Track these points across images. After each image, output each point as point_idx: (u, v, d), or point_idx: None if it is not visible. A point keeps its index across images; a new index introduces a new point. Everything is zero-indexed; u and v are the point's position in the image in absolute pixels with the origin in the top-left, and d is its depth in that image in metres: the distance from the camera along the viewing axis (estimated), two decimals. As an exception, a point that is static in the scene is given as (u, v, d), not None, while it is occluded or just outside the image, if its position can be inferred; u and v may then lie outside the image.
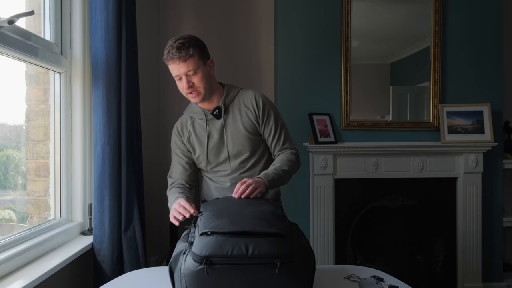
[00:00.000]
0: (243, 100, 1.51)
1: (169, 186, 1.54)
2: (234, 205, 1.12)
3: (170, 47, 1.37)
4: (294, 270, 0.93)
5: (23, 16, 1.35)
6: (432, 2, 2.72)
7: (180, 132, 1.56)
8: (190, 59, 1.36)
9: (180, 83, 1.41)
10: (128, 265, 1.72)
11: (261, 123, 1.50)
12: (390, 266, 2.65)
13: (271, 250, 0.90)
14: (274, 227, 0.96)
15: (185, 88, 1.40)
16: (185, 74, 1.37)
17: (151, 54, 2.71)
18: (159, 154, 2.91)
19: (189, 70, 1.37)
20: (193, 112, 1.54)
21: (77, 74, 1.78)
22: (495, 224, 2.78)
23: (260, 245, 0.90)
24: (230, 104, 1.50)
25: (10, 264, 1.30)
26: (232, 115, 1.49)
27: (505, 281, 2.79)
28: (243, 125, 1.49)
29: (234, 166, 1.50)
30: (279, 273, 0.89)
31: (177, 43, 1.36)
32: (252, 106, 1.50)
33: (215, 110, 1.48)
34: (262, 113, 1.50)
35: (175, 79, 1.44)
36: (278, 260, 0.89)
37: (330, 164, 2.62)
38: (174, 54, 1.35)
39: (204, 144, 1.50)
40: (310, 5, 2.71)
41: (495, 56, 2.77)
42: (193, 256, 0.90)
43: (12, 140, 1.61)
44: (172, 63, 1.37)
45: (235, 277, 0.90)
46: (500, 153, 2.78)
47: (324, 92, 2.72)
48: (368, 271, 1.33)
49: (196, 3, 2.92)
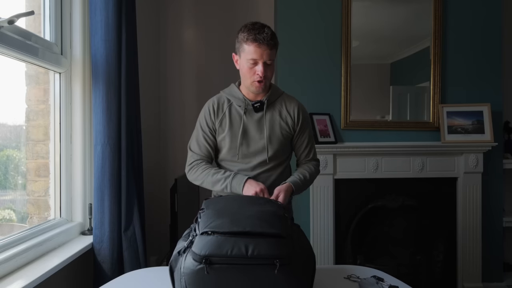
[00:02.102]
0: (286, 105, 1.53)
1: (196, 161, 1.50)
2: (236, 204, 1.11)
3: (261, 30, 1.35)
4: (293, 272, 0.92)
5: (23, 16, 1.35)
6: (432, 2, 2.72)
7: (215, 111, 1.50)
8: (274, 49, 1.39)
9: (252, 68, 1.39)
10: (128, 265, 1.72)
11: (297, 133, 1.53)
12: (390, 266, 2.66)
13: (271, 251, 0.90)
14: (274, 228, 0.95)
15: (259, 74, 1.38)
16: (264, 62, 1.38)
17: (151, 54, 2.71)
18: (159, 154, 2.91)
19: (270, 59, 1.38)
20: (233, 96, 1.51)
21: (77, 74, 1.77)
22: (495, 224, 2.78)
23: (260, 246, 0.90)
24: (272, 103, 1.51)
25: (10, 264, 1.30)
26: (272, 113, 1.50)
27: (505, 281, 2.79)
28: (280, 126, 1.49)
29: (258, 161, 1.48)
30: (278, 274, 0.89)
31: (269, 30, 1.37)
32: (293, 113, 1.52)
33: (257, 103, 1.47)
34: (301, 124, 1.53)
35: (243, 61, 1.41)
36: (277, 261, 0.89)
37: (330, 164, 2.62)
38: (265, 39, 1.34)
39: (237, 132, 1.47)
40: (310, 5, 2.71)
41: (495, 56, 2.77)
42: (193, 256, 0.90)
43: (12, 140, 1.60)
44: (258, 46, 1.35)
45: (234, 277, 0.90)
46: (500, 153, 2.78)
47: (324, 92, 2.72)
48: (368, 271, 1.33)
49: (196, 3, 2.92)
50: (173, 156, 2.92)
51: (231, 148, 1.49)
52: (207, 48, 2.91)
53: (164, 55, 2.92)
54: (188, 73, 2.93)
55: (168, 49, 2.92)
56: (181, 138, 2.87)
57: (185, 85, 2.93)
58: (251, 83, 1.43)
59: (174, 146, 2.91)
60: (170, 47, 2.92)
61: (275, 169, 1.51)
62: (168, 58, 2.93)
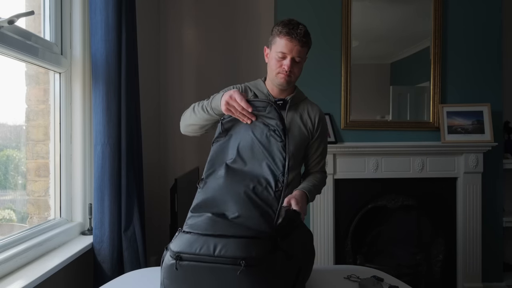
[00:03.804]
0: (308, 109, 1.53)
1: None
2: (227, 197, 1.06)
3: (296, 26, 1.37)
4: (259, 275, 0.89)
5: (23, 16, 1.35)
6: (432, 2, 2.72)
7: (243, 91, 1.51)
8: (305, 47, 1.40)
9: (280, 61, 1.40)
10: (128, 265, 1.72)
11: (314, 138, 1.53)
12: (390, 266, 2.66)
13: (237, 252, 0.88)
14: (250, 230, 0.94)
15: (285, 68, 1.39)
16: (292, 57, 1.39)
17: (151, 54, 2.72)
18: (159, 154, 2.91)
19: (299, 56, 1.39)
20: (258, 90, 1.52)
21: (77, 74, 1.77)
22: (495, 224, 2.78)
23: (228, 246, 0.89)
24: (294, 104, 1.51)
25: (10, 264, 1.30)
26: (293, 115, 1.50)
27: (505, 281, 2.79)
28: (299, 129, 1.49)
29: None
30: (241, 275, 0.87)
31: (304, 27, 1.39)
32: (314, 119, 1.52)
33: (280, 100, 1.48)
34: (321, 131, 1.53)
35: (272, 54, 1.42)
36: (242, 262, 0.87)
37: (330, 164, 2.62)
38: (298, 34, 1.36)
39: None
40: (310, 5, 2.71)
41: (495, 56, 2.77)
42: (170, 251, 0.93)
43: (12, 140, 1.60)
44: (290, 40, 1.37)
45: (201, 274, 0.91)
46: (500, 153, 2.78)
47: (324, 92, 2.72)
48: (368, 271, 1.33)
49: (197, 3, 2.92)
50: (173, 156, 2.92)
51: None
52: (208, 48, 2.91)
53: (164, 55, 2.92)
54: (188, 73, 2.93)
55: (168, 49, 2.92)
56: (181, 138, 2.87)
57: (185, 85, 2.93)
58: (276, 75, 1.43)
59: (174, 146, 2.91)
60: (170, 47, 2.92)
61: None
62: (168, 58, 2.93)
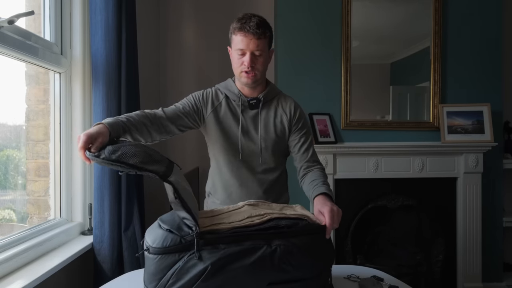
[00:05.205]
0: (282, 104, 1.49)
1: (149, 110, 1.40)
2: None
3: (248, 19, 1.34)
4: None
5: (23, 16, 1.35)
6: (432, 2, 2.72)
7: (204, 100, 1.45)
8: (263, 39, 1.35)
9: (240, 58, 1.37)
10: (128, 265, 1.72)
11: (293, 130, 1.47)
12: (390, 266, 2.65)
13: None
14: None
15: (245, 65, 1.35)
16: (251, 52, 1.34)
17: (151, 54, 2.71)
18: (159, 154, 2.90)
19: (258, 49, 1.34)
20: (229, 91, 1.47)
21: (77, 74, 1.77)
22: (495, 224, 2.78)
23: None
24: (268, 101, 1.48)
25: (10, 264, 1.30)
26: (267, 112, 1.46)
27: (505, 281, 2.79)
28: (274, 126, 1.46)
29: (254, 161, 1.45)
30: None
31: (256, 19, 1.34)
32: (289, 111, 1.48)
33: (253, 100, 1.44)
34: (297, 120, 1.48)
35: (233, 53, 1.40)
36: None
37: (330, 164, 2.62)
38: (251, 28, 1.32)
39: (235, 128, 1.44)
40: (310, 5, 2.71)
41: (495, 56, 2.77)
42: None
43: (12, 140, 1.60)
44: (245, 36, 1.33)
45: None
46: (500, 153, 2.78)
47: (324, 92, 2.72)
48: (368, 271, 1.33)
49: (197, 3, 2.92)
50: (173, 156, 2.91)
51: (231, 143, 1.44)
52: (208, 47, 2.91)
53: (164, 55, 2.92)
54: (188, 73, 2.93)
55: (168, 49, 2.92)
56: (181, 138, 2.87)
57: (185, 84, 2.93)
58: (240, 74, 1.39)
59: (174, 146, 2.91)
60: (170, 47, 2.91)
61: (272, 171, 1.48)
62: (168, 58, 2.93)
